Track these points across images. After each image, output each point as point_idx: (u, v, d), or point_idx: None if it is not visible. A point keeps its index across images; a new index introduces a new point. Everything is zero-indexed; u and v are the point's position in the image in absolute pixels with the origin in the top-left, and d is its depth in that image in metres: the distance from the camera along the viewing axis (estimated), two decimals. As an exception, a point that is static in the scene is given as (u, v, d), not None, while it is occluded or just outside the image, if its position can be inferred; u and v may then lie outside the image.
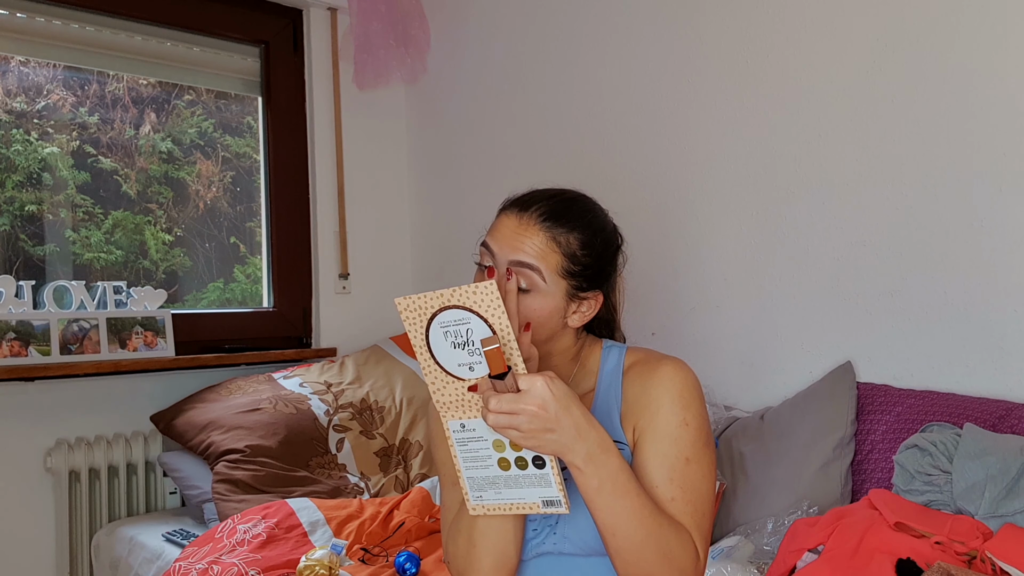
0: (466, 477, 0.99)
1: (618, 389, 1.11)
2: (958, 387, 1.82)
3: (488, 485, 0.99)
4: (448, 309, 0.91)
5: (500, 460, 0.97)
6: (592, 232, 1.09)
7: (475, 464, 0.98)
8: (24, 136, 2.59)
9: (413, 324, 0.93)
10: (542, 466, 0.96)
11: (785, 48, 2.12)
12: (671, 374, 1.08)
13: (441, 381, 0.95)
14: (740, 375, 2.23)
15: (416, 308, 0.92)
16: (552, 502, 0.97)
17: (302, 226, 3.04)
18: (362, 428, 2.55)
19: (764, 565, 1.64)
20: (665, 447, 1.04)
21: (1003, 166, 1.75)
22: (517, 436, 0.92)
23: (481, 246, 1.10)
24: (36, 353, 2.36)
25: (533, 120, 2.78)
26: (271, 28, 3.00)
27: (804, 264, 2.10)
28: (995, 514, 1.45)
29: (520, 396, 0.90)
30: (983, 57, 1.78)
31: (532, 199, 1.09)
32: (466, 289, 0.90)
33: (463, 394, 0.95)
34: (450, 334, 0.92)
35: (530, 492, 0.97)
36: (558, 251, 1.06)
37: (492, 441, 0.96)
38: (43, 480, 2.47)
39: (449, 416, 0.97)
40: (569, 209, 1.08)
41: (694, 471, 1.04)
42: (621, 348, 1.16)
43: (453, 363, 0.94)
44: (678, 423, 1.05)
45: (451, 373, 0.95)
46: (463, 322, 0.91)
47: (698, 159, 2.32)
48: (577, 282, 1.08)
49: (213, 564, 1.82)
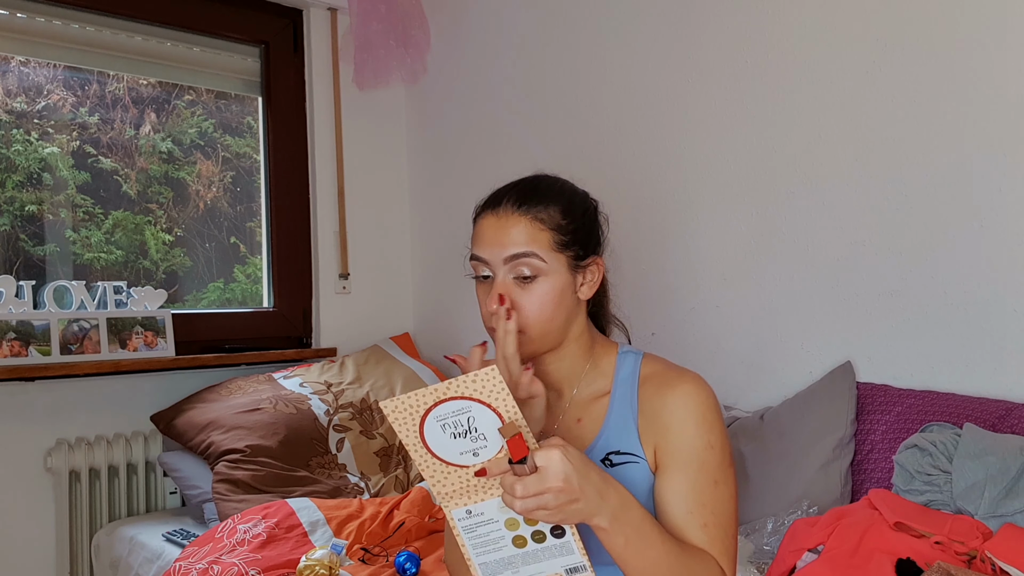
0: (478, 564, 0.94)
1: (634, 399, 1.10)
2: (958, 387, 1.82)
3: (504, 567, 0.94)
4: (444, 402, 0.87)
5: (515, 538, 0.93)
6: (566, 199, 1.10)
7: (487, 548, 0.93)
8: (24, 136, 2.59)
9: (404, 425, 0.88)
10: (561, 535, 0.92)
11: (785, 47, 2.12)
12: (693, 393, 1.07)
13: (441, 473, 0.91)
14: (740, 375, 2.23)
15: (405, 409, 0.87)
16: (576, 569, 0.94)
17: (302, 226, 3.04)
18: (362, 428, 2.55)
19: (764, 565, 1.64)
20: (694, 473, 1.03)
21: (1003, 166, 1.75)
22: (544, 515, 0.88)
23: (471, 260, 1.10)
24: (36, 353, 2.36)
25: (533, 120, 2.78)
26: (271, 28, 3.00)
27: (804, 264, 2.10)
28: (995, 514, 1.45)
29: (542, 476, 0.87)
30: (983, 57, 1.78)
31: (499, 195, 1.10)
32: (464, 380, 0.86)
33: (468, 481, 0.91)
34: (448, 426, 0.88)
35: (551, 564, 0.94)
36: (544, 228, 1.07)
37: (505, 520, 0.92)
38: (43, 480, 2.47)
39: (453, 505, 0.92)
40: (537, 188, 1.10)
41: (723, 493, 1.04)
42: (637, 355, 1.15)
43: (455, 453, 0.89)
44: (704, 446, 1.04)
45: (453, 463, 0.90)
46: (463, 411, 0.87)
47: (698, 159, 2.32)
48: (573, 251, 1.09)
49: (213, 564, 1.82)
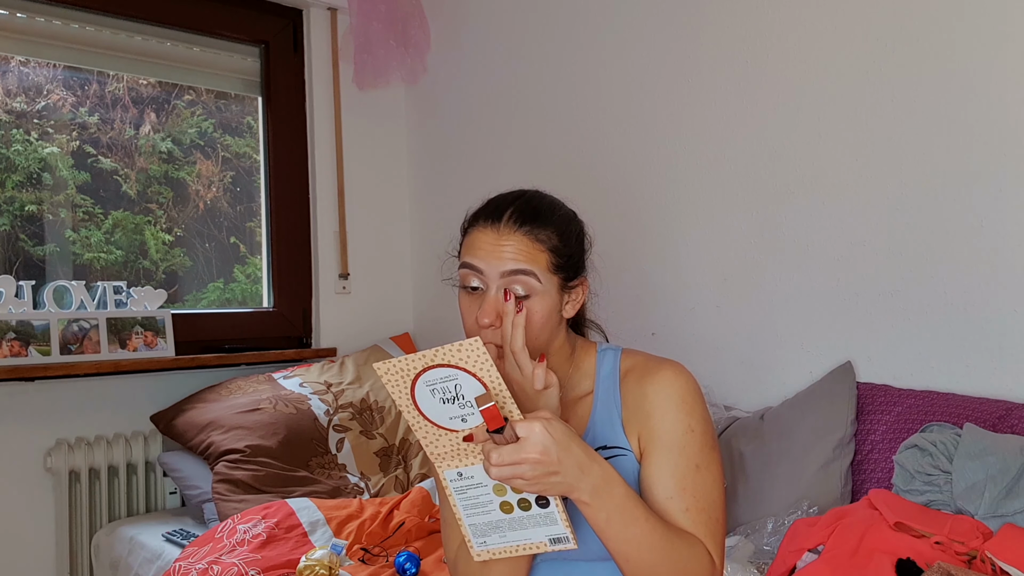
0: (467, 524, 0.98)
1: (617, 394, 1.11)
2: (958, 387, 1.82)
3: (491, 530, 0.98)
4: (433, 368, 0.89)
5: (502, 504, 0.96)
6: (564, 223, 1.10)
7: (476, 510, 0.97)
8: (24, 136, 2.59)
9: (396, 386, 0.91)
10: (546, 505, 0.95)
11: (785, 47, 2.12)
12: (671, 379, 1.07)
13: (433, 435, 0.94)
14: (740, 375, 2.23)
15: (397, 371, 0.90)
16: (559, 539, 0.97)
17: (302, 226, 3.04)
18: (362, 428, 2.55)
19: (764, 565, 1.64)
20: (675, 457, 1.03)
21: (1003, 166, 1.75)
22: (523, 484, 0.90)
23: (462, 268, 1.09)
24: (36, 353, 2.36)
25: (533, 120, 2.78)
26: (271, 28, 3.00)
27: (804, 264, 2.10)
28: (995, 514, 1.45)
29: (521, 446, 0.88)
30: (983, 57, 1.78)
31: (500, 207, 1.08)
32: (450, 348, 0.88)
33: (458, 444, 0.94)
34: (437, 391, 0.91)
35: (535, 532, 0.97)
36: (544, 249, 1.06)
37: (493, 486, 0.95)
38: (43, 480, 2.47)
39: (445, 466, 0.96)
40: (538, 207, 1.09)
41: (704, 477, 1.04)
42: (616, 351, 1.15)
43: (444, 417, 0.92)
44: (683, 430, 1.04)
45: (443, 427, 0.93)
46: (450, 379, 0.90)
47: (698, 158, 2.32)
48: (566, 274, 1.09)
49: (213, 564, 1.82)
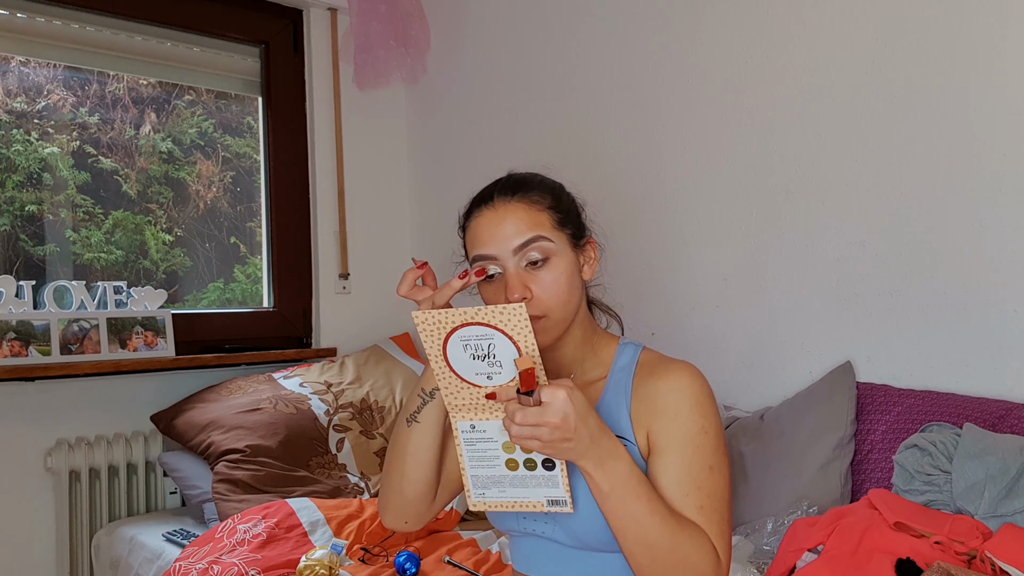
0: (470, 475, 1.02)
1: (628, 385, 1.12)
2: (958, 387, 1.82)
3: (493, 484, 1.02)
4: (471, 325, 0.93)
5: (508, 461, 1.00)
6: (549, 185, 1.15)
7: (481, 463, 1.01)
8: (24, 136, 2.59)
9: (430, 336, 0.95)
10: (551, 468, 0.99)
11: (785, 48, 2.12)
12: (688, 380, 1.08)
13: (455, 386, 0.98)
14: (740, 375, 2.23)
15: (435, 322, 0.94)
16: (557, 502, 1.00)
17: (302, 226, 3.04)
18: (362, 428, 2.55)
19: (764, 565, 1.64)
20: (689, 456, 1.05)
21: (1003, 166, 1.75)
22: (536, 445, 0.94)
23: (474, 263, 1.10)
24: (36, 353, 2.36)
25: (532, 120, 2.78)
26: (271, 28, 3.00)
27: (804, 264, 2.10)
28: (995, 514, 1.45)
29: (544, 410, 0.92)
30: (983, 57, 1.78)
31: (489, 191, 1.13)
32: (493, 309, 0.92)
33: (478, 399, 0.98)
34: (470, 347, 0.95)
35: (535, 492, 1.01)
36: (543, 209, 1.10)
37: (502, 443, 0.99)
38: (43, 480, 2.47)
39: (460, 417, 1.00)
40: (523, 177, 1.15)
41: (717, 479, 1.05)
42: (637, 346, 1.17)
43: (471, 372, 0.96)
44: (698, 431, 1.05)
45: (468, 380, 0.97)
46: (485, 338, 0.94)
47: (698, 159, 2.32)
48: (571, 229, 1.12)
49: (213, 564, 1.82)
